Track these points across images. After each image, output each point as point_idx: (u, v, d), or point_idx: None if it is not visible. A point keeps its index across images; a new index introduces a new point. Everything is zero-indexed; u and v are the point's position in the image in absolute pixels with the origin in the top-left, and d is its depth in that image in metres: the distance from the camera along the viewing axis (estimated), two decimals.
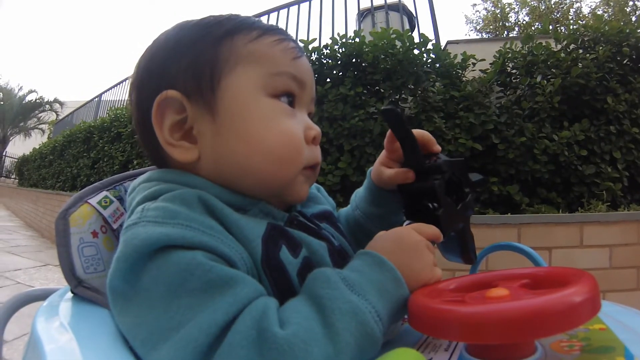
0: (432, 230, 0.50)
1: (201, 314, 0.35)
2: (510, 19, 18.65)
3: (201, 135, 0.48)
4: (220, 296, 0.36)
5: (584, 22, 2.87)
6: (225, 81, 0.48)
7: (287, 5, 4.14)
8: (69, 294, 0.52)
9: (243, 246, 0.42)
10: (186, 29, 0.51)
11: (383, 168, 0.61)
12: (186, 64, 0.48)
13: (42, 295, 0.60)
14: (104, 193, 0.58)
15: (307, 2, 3.96)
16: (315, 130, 0.52)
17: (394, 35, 2.66)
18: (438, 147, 0.57)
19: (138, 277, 0.38)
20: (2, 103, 18.38)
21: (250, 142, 0.47)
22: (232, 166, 0.48)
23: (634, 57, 2.54)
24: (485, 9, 19.15)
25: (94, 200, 0.56)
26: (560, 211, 2.22)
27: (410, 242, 0.46)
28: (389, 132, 0.58)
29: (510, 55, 2.68)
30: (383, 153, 0.61)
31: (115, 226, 0.57)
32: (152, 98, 0.47)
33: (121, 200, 0.59)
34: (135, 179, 0.53)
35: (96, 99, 8.12)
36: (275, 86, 0.49)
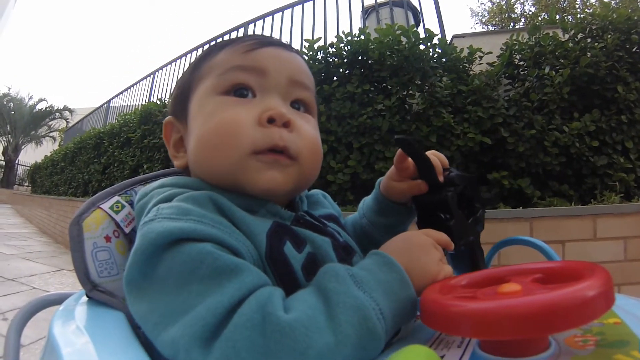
0: (442, 235, 0.51)
1: (209, 297, 0.37)
2: (516, 11, 18.38)
3: (187, 144, 0.57)
4: (227, 282, 0.38)
5: (591, 10, 2.82)
6: (192, 96, 0.56)
7: (291, 5, 4.14)
8: (84, 298, 0.53)
9: (249, 240, 0.45)
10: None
11: (395, 183, 0.63)
12: (174, 95, 0.61)
13: (57, 300, 0.61)
14: (116, 198, 0.59)
15: (312, 2, 3.95)
16: (273, 110, 0.50)
17: (399, 32, 2.64)
18: (440, 177, 0.60)
19: (154, 268, 0.40)
20: (13, 113, 18.61)
21: (196, 139, 0.53)
22: (196, 166, 0.55)
23: None
24: (491, 1, 18.92)
25: (106, 206, 0.57)
26: (573, 204, 2.19)
27: (418, 240, 0.49)
28: (399, 151, 0.60)
29: (517, 47, 2.65)
30: (393, 171, 0.63)
31: (127, 230, 0.57)
32: None
33: (132, 204, 0.59)
34: (146, 183, 0.57)
35: (105, 105, 8.21)
36: (224, 84, 0.53)
